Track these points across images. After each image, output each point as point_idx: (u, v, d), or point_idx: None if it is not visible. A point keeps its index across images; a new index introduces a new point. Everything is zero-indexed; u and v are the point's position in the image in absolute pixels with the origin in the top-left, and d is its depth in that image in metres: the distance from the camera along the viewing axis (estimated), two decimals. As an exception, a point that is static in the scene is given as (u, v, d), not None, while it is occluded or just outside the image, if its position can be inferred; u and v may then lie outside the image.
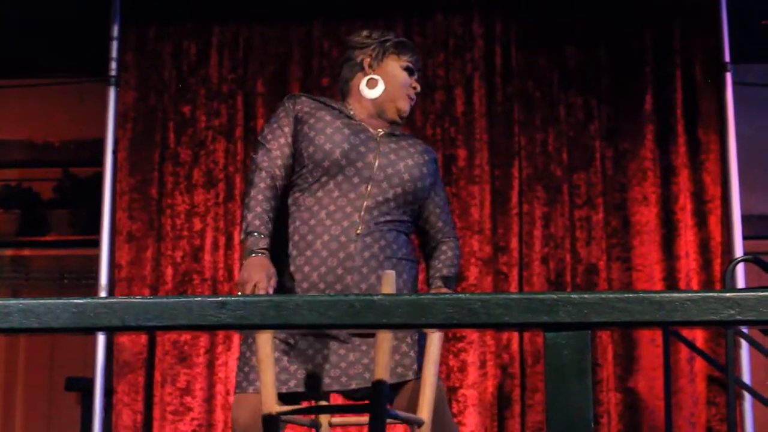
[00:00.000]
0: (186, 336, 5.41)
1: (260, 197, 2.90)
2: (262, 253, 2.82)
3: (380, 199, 2.94)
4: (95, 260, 5.43)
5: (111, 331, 1.30)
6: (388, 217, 2.95)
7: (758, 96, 6.22)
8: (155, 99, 5.70)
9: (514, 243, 5.45)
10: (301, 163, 2.97)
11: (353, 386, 2.86)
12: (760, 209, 6.11)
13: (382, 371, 2.54)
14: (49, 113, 6.53)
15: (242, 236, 2.89)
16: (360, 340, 2.87)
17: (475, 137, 5.54)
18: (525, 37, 5.65)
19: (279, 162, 2.96)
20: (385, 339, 2.55)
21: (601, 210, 5.48)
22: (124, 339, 5.45)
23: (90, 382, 5.28)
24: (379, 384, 2.53)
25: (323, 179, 2.94)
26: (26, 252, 6.87)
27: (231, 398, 5.34)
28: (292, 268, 2.92)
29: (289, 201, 2.99)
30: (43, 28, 5.86)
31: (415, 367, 2.90)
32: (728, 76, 5.43)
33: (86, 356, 5.73)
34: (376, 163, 2.95)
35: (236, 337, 5.40)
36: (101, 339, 5.25)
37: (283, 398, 2.82)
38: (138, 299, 1.30)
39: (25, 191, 6.85)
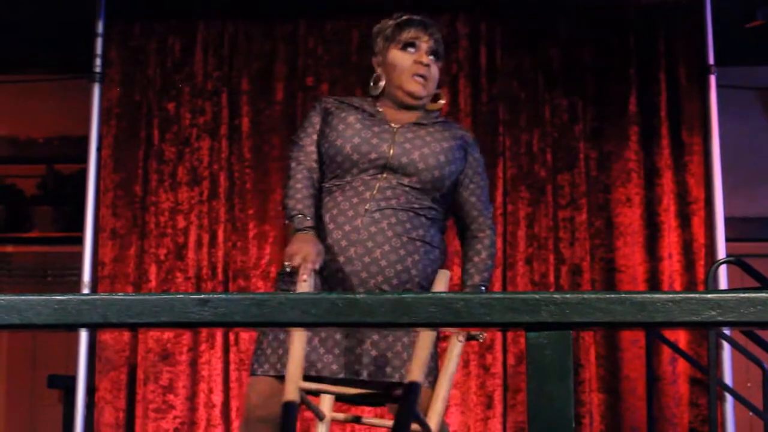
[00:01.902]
0: (169, 334, 5.40)
1: (299, 185, 2.97)
2: (309, 231, 2.88)
3: (394, 182, 2.93)
4: (78, 257, 5.40)
5: (93, 328, 1.30)
6: (403, 199, 2.92)
7: (741, 98, 6.25)
8: (140, 96, 5.68)
9: (498, 243, 5.44)
10: (321, 159, 3.02)
11: (363, 377, 2.87)
12: (743, 211, 6.13)
13: (418, 370, 2.57)
14: (33, 110, 6.51)
15: (286, 221, 2.97)
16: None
17: (459, 137, 5.54)
18: (510, 38, 5.65)
19: (313, 156, 3.02)
20: (426, 337, 2.58)
21: (584, 211, 5.49)
22: (106, 336, 5.43)
23: (72, 380, 5.26)
24: (412, 384, 2.56)
25: (338, 172, 2.97)
26: (9, 248, 6.85)
27: (213, 396, 5.34)
28: None
29: None
30: (27, 25, 5.83)
31: (403, 371, 2.88)
32: (712, 79, 5.44)
33: (68, 354, 5.71)
34: (390, 153, 2.94)
35: (219, 336, 5.39)
36: (84, 336, 5.23)
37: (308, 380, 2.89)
38: (120, 296, 1.30)
39: (8, 187, 6.83)
